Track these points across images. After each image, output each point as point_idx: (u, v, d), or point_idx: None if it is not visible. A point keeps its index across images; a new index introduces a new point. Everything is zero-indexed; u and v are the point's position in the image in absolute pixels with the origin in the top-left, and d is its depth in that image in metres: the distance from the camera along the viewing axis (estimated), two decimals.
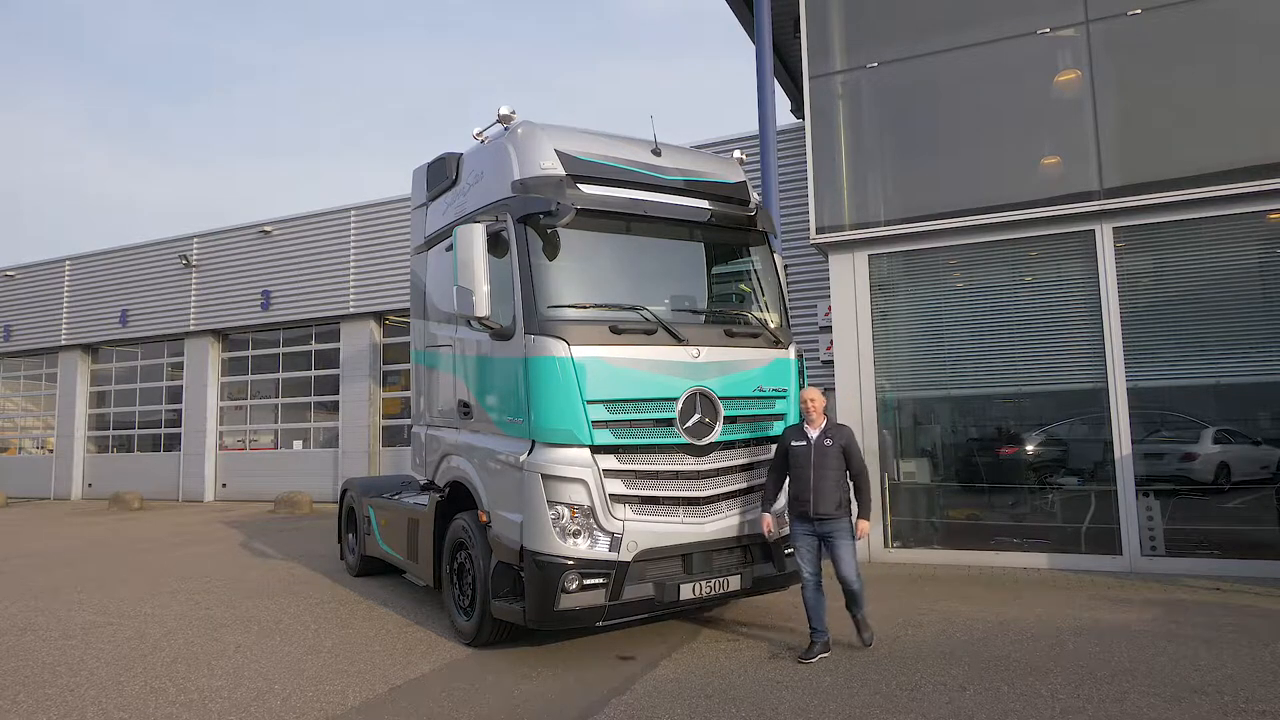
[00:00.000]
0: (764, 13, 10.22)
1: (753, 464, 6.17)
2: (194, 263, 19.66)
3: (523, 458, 5.60)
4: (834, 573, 5.72)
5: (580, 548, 5.43)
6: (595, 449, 5.55)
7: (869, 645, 5.73)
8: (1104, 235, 8.48)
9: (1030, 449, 9.22)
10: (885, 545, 9.14)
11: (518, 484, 5.62)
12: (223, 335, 19.81)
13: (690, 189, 6.53)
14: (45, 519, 16.76)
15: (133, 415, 21.47)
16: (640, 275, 6.32)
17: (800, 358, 6.99)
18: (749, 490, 6.09)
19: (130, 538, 13.03)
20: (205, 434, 19.46)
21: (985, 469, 9.40)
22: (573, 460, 5.49)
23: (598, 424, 5.55)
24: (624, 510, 5.56)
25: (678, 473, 5.81)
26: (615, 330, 5.71)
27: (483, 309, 5.69)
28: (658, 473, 5.74)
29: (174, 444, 20.24)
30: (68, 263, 21.98)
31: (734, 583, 5.91)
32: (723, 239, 6.81)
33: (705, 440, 5.88)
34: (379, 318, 17.68)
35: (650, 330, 5.85)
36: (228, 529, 13.76)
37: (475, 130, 6.71)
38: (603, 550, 5.46)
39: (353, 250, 17.72)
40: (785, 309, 6.89)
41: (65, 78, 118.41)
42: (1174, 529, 8.20)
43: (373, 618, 7.19)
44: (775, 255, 7.01)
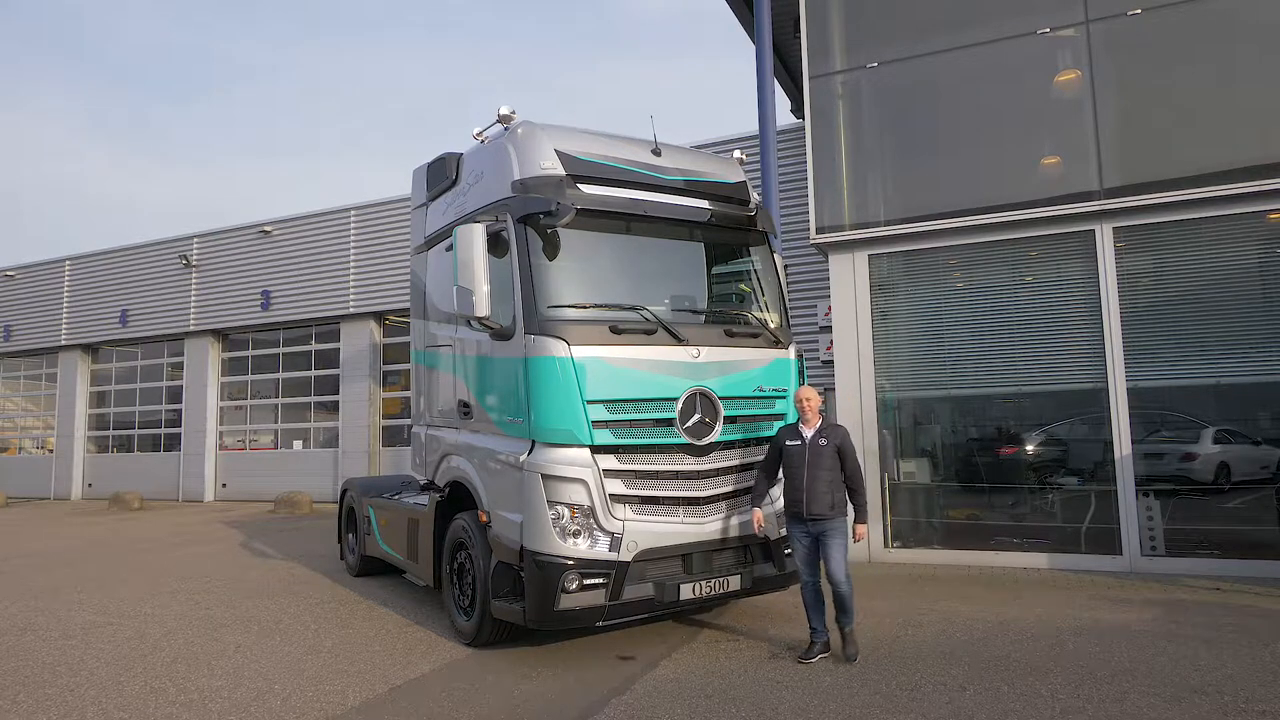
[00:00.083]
0: (764, 13, 10.23)
1: (753, 464, 6.15)
2: (194, 263, 19.67)
3: (523, 458, 5.60)
4: (824, 572, 5.67)
5: (580, 548, 5.43)
6: (595, 449, 5.55)
7: (852, 661, 5.50)
8: (1104, 235, 8.49)
9: (1030, 449, 9.22)
10: (885, 545, 9.15)
11: (518, 484, 5.62)
12: (223, 335, 19.81)
13: (690, 189, 6.53)
14: (45, 519, 16.76)
15: (133, 415, 21.48)
16: (640, 275, 6.32)
17: (800, 358, 6.98)
18: (749, 490, 6.08)
19: (130, 538, 13.04)
20: (205, 434, 19.47)
21: (985, 469, 9.40)
22: (573, 460, 5.50)
23: (598, 424, 5.55)
24: (624, 510, 5.56)
25: (678, 473, 5.81)
26: (615, 330, 5.71)
27: (483, 309, 5.69)
28: (658, 473, 5.74)
29: (174, 444, 20.25)
30: (68, 263, 21.99)
31: (734, 583, 5.90)
32: (723, 239, 6.81)
33: (705, 440, 5.88)
34: (379, 318, 17.68)
35: (650, 330, 5.85)
36: (228, 529, 13.76)
37: (475, 130, 6.71)
38: (603, 550, 5.46)
39: (353, 250, 17.73)
40: (785, 309, 6.89)
41: (65, 78, 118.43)
42: (1174, 529, 8.20)
43: (373, 618, 7.19)
44: (775, 255, 7.02)
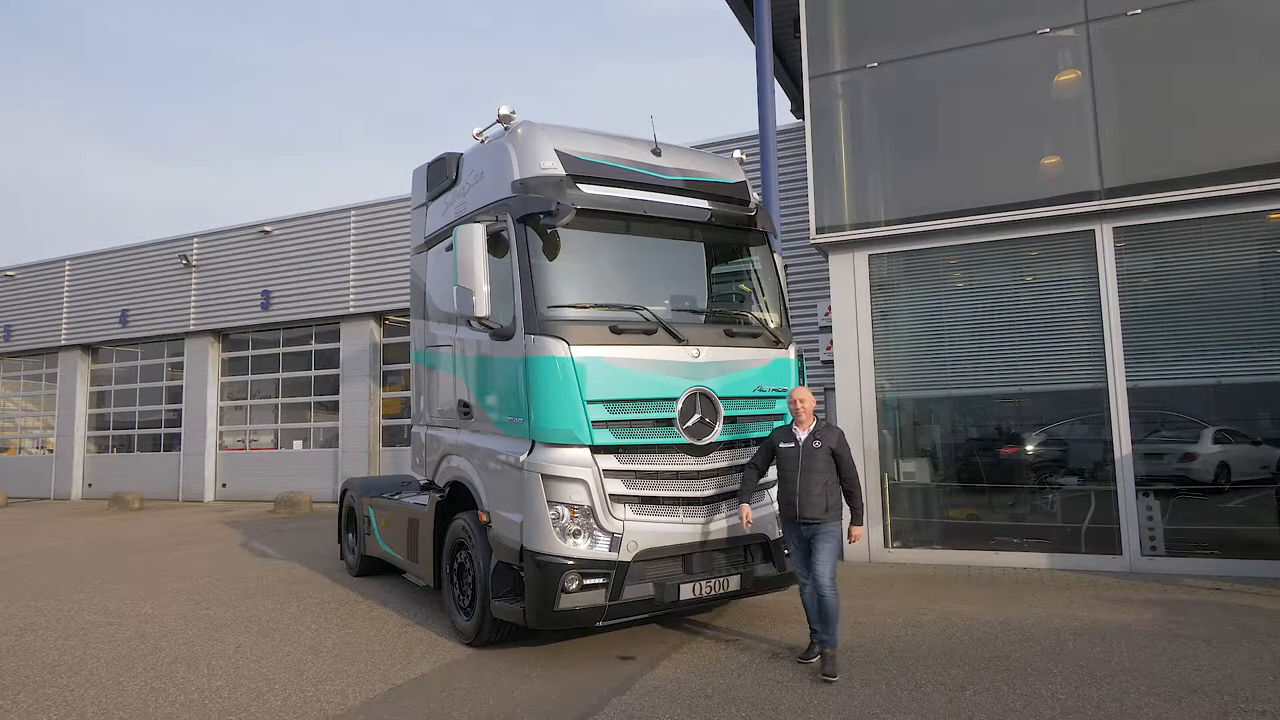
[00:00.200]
0: (764, 13, 10.23)
1: None
2: (194, 263, 19.67)
3: (523, 458, 5.60)
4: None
5: (580, 548, 5.43)
6: (595, 449, 5.55)
7: (828, 680, 5.12)
8: (1104, 235, 8.49)
9: (1030, 449, 9.22)
10: (885, 545, 9.15)
11: (518, 484, 5.62)
12: (223, 335, 19.81)
13: (690, 189, 6.53)
14: (45, 519, 16.76)
15: (133, 415, 21.48)
16: (640, 275, 6.32)
17: (800, 358, 6.98)
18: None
19: (130, 538, 13.03)
20: (205, 434, 19.48)
21: (985, 469, 9.40)
22: (573, 460, 5.50)
23: (598, 424, 5.55)
24: (624, 510, 5.56)
25: (678, 473, 5.81)
26: (615, 330, 5.71)
27: (483, 309, 5.69)
28: (658, 473, 5.74)
29: (174, 444, 20.25)
30: (68, 263, 21.99)
31: (734, 583, 5.90)
32: (723, 239, 6.81)
33: (705, 440, 5.88)
34: (379, 318, 17.69)
35: (650, 330, 5.85)
36: (228, 529, 13.76)
37: (475, 130, 6.71)
38: (603, 550, 5.46)
39: (353, 250, 17.73)
40: (785, 309, 6.89)
41: (65, 78, 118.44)
42: (1174, 529, 8.20)
43: (373, 618, 7.19)
44: (775, 255, 7.02)
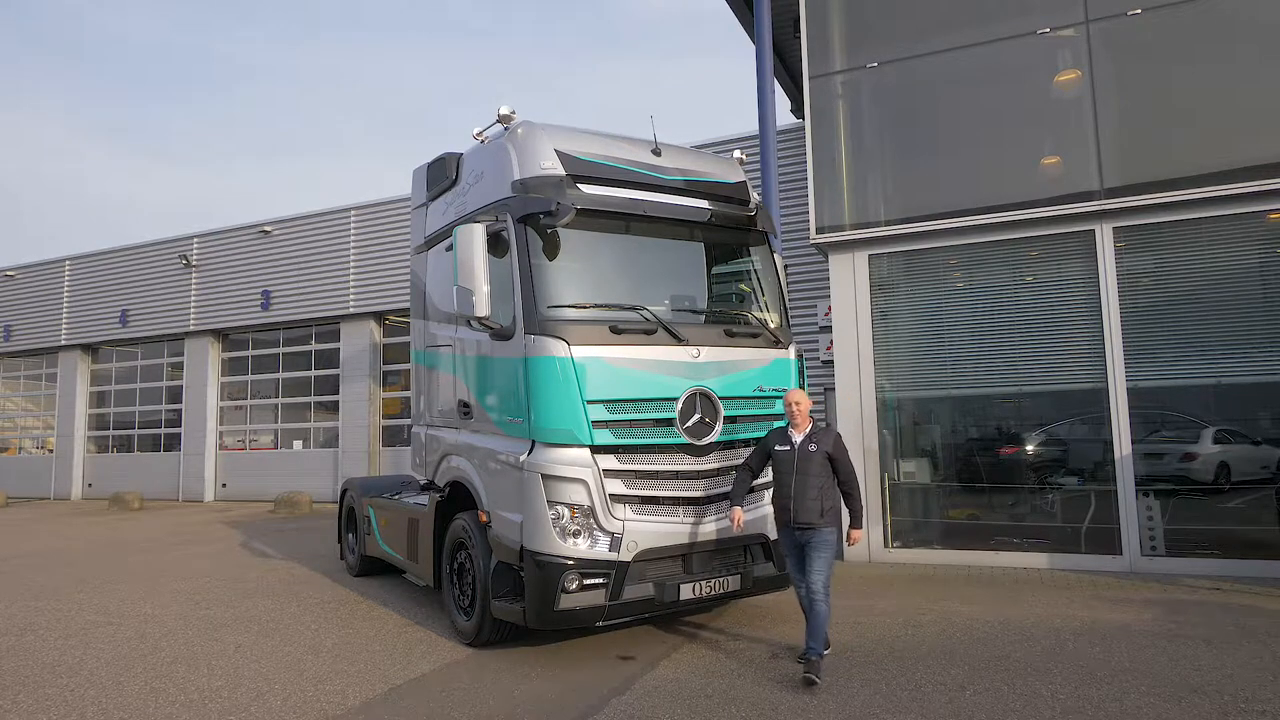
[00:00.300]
0: (764, 13, 10.23)
1: None
2: (194, 263, 19.67)
3: (523, 458, 5.60)
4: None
5: (580, 548, 5.43)
6: (595, 449, 5.54)
7: (810, 685, 4.98)
8: (1104, 235, 8.48)
9: (1030, 449, 9.21)
10: (885, 545, 9.14)
11: (518, 484, 5.62)
12: (223, 335, 19.81)
13: (690, 189, 6.53)
14: (45, 519, 16.76)
15: (133, 415, 21.48)
16: (640, 275, 6.32)
17: (800, 358, 6.98)
18: (749, 491, 6.06)
19: (130, 538, 13.03)
20: (205, 434, 19.47)
21: (985, 469, 9.40)
22: (573, 460, 5.50)
23: (598, 424, 5.55)
24: (624, 510, 5.56)
25: (678, 473, 5.81)
26: (615, 330, 5.70)
27: (483, 309, 5.68)
28: (658, 473, 5.74)
29: (174, 444, 20.25)
30: (68, 263, 21.99)
31: (734, 583, 5.90)
32: (723, 239, 6.80)
33: (705, 440, 5.87)
34: (379, 318, 17.69)
35: (650, 330, 5.85)
36: (228, 529, 13.76)
37: (475, 130, 6.71)
38: (603, 550, 5.46)
39: (353, 250, 17.73)
40: (785, 309, 6.89)
41: (65, 78, 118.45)
42: (1174, 529, 8.20)
43: (373, 618, 7.19)
44: (775, 255, 7.01)
